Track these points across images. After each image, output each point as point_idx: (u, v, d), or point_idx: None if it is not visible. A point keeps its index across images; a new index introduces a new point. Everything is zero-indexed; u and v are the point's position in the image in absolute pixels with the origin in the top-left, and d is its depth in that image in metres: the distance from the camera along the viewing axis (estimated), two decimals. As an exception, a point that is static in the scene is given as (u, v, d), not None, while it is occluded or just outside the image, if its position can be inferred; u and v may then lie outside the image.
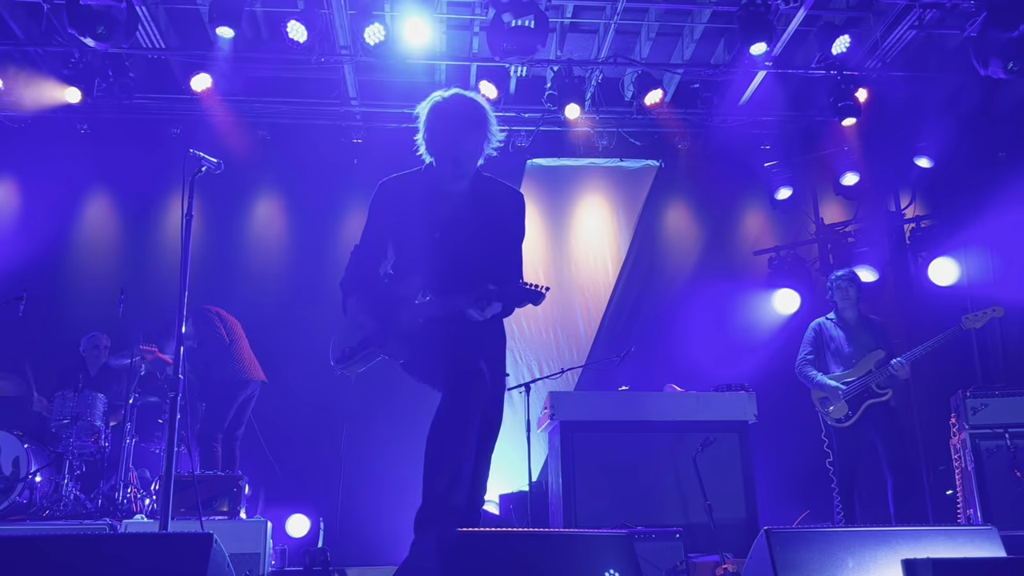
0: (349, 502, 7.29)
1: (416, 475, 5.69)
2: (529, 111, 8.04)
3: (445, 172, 3.23)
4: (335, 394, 7.34)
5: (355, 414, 7.37)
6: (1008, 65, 6.44)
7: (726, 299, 8.05)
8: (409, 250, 3.28)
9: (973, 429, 5.83)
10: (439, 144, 3.21)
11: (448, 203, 3.25)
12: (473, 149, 3.20)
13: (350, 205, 7.93)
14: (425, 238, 3.22)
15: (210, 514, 5.19)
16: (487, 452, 3.31)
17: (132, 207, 7.96)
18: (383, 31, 6.69)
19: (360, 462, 7.43)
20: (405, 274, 3.29)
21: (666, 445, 5.92)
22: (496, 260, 3.24)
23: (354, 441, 7.45)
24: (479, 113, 3.20)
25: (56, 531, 5.02)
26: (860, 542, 2.91)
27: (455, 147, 3.18)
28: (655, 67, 7.70)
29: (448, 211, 3.24)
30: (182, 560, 2.54)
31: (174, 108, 7.83)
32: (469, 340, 3.17)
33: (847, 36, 6.91)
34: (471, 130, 3.18)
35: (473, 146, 3.19)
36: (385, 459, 7.20)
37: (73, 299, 7.51)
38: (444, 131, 3.18)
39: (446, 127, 3.18)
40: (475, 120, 3.19)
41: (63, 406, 5.99)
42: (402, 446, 6.43)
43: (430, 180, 3.29)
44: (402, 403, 6.26)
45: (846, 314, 6.05)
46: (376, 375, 3.69)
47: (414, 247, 3.26)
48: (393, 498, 6.58)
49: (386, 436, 7.21)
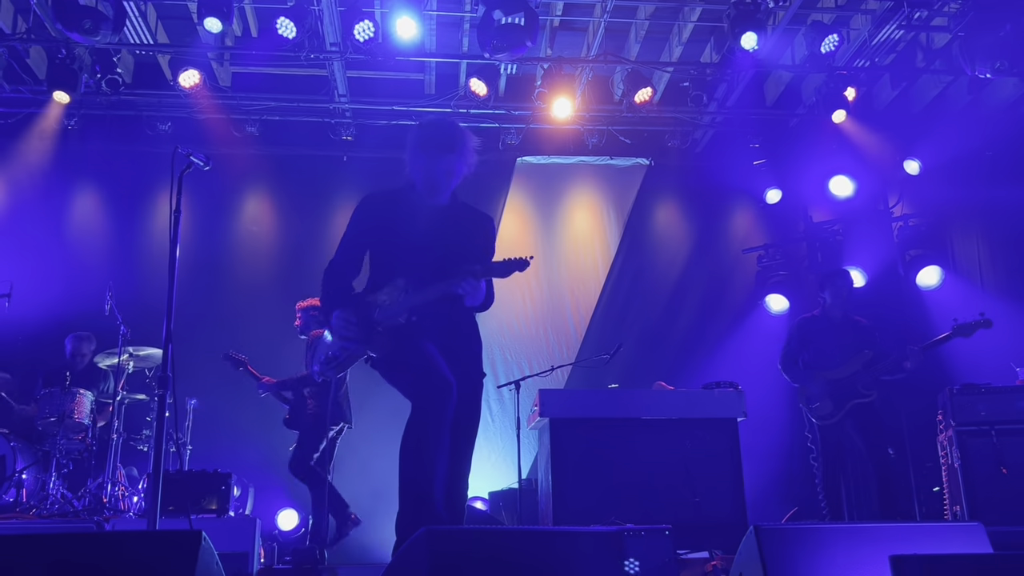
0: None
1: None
2: (519, 109, 8.03)
3: (424, 191, 3.55)
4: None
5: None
6: (995, 64, 6.48)
7: (715, 297, 8.08)
8: (390, 259, 3.52)
9: (960, 426, 5.86)
10: (418, 165, 3.52)
11: (428, 216, 3.54)
12: (448, 171, 3.50)
13: (339, 201, 7.90)
14: (407, 245, 3.47)
15: (199, 512, 5.16)
16: (465, 454, 3.47)
17: (120, 204, 7.91)
18: (373, 28, 6.68)
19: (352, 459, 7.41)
20: (384, 283, 3.49)
21: (655, 443, 5.92)
22: (473, 260, 3.48)
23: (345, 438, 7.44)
24: (454, 139, 3.50)
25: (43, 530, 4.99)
26: (848, 539, 2.93)
27: (432, 169, 3.49)
28: (645, 65, 7.71)
29: (428, 222, 3.52)
30: (170, 558, 2.52)
31: (162, 104, 7.79)
32: (442, 347, 3.41)
33: (835, 35, 6.94)
34: (446, 154, 3.48)
35: (447, 168, 3.49)
36: (376, 456, 7.19)
37: (60, 296, 7.46)
38: (423, 154, 3.49)
39: (425, 151, 3.49)
40: (450, 146, 3.48)
41: (49, 404, 5.95)
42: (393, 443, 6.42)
43: (411, 197, 3.58)
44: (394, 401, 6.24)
45: (833, 312, 6.06)
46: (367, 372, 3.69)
47: (396, 255, 3.50)
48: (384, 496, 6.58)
49: (377, 433, 7.20)
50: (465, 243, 3.54)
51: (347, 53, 7.00)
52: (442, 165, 3.47)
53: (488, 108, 7.87)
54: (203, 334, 7.08)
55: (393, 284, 3.46)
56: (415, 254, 3.45)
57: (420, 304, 3.41)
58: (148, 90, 7.74)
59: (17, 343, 6.87)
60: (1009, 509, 5.54)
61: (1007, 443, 5.76)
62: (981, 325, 5.65)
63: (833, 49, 6.98)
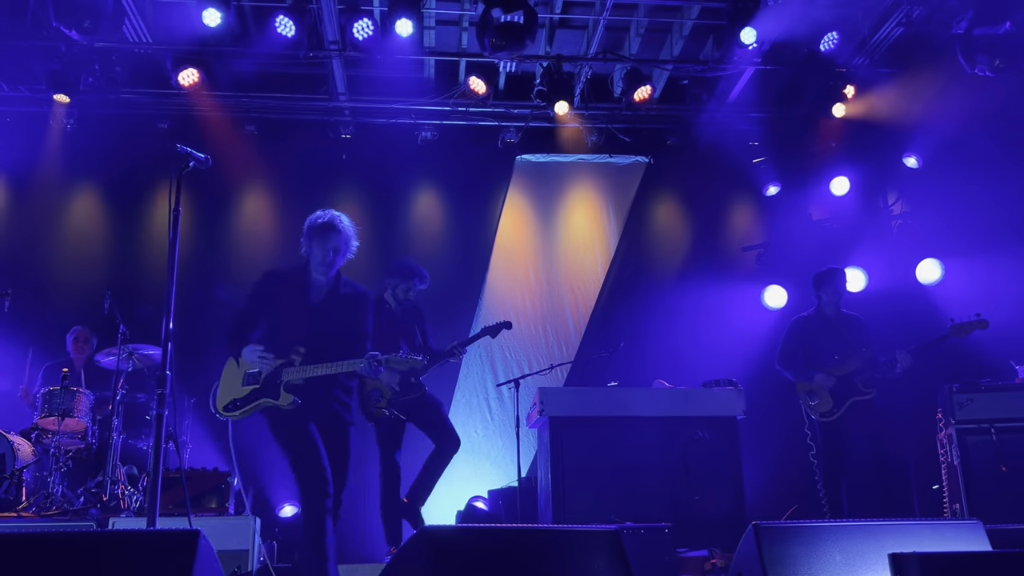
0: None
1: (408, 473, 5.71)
2: (518, 107, 8.03)
3: (313, 268, 4.32)
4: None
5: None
6: (994, 62, 6.48)
7: (714, 295, 8.06)
8: (283, 323, 4.22)
9: (959, 424, 5.87)
10: (308, 249, 4.32)
11: (317, 291, 4.32)
12: (331, 256, 4.25)
13: (339, 200, 7.87)
14: (297, 314, 4.24)
15: (199, 511, 5.16)
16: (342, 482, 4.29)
17: (119, 203, 7.90)
18: (371, 26, 6.67)
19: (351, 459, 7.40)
20: (278, 341, 4.18)
21: (655, 441, 5.93)
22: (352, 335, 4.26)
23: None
24: (334, 230, 4.27)
25: (43, 528, 4.99)
26: (847, 536, 2.93)
27: (319, 253, 4.27)
28: (644, 63, 7.71)
29: (316, 296, 4.31)
30: (170, 557, 2.52)
31: (161, 103, 7.78)
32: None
33: (835, 33, 6.93)
34: (327, 241, 4.26)
35: (329, 253, 4.25)
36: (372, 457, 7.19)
37: (59, 295, 7.46)
38: (311, 241, 4.30)
39: (312, 238, 4.30)
40: (331, 235, 4.26)
41: (50, 402, 5.95)
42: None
43: (305, 273, 4.35)
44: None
45: (827, 311, 6.07)
46: (365, 371, 3.69)
47: (288, 321, 4.21)
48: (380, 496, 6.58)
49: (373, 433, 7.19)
50: (345, 319, 4.27)
51: (346, 51, 6.99)
52: (326, 250, 4.24)
53: (487, 106, 7.87)
54: (202, 333, 7.06)
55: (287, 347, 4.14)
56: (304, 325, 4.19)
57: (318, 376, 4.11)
58: (147, 89, 7.73)
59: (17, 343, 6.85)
60: (1008, 507, 5.55)
61: (1007, 441, 5.77)
62: (977, 326, 5.66)
63: (833, 47, 6.98)
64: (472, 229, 8.35)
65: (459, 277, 8.03)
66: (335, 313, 4.27)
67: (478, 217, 8.39)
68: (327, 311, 4.26)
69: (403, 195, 8.37)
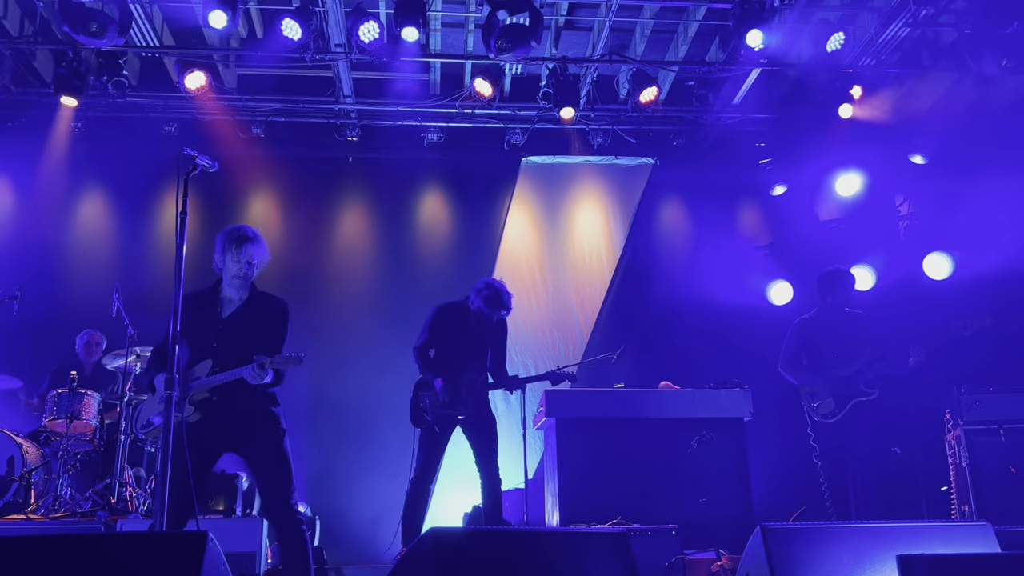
0: (344, 500, 7.28)
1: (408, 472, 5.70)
2: (524, 109, 8.03)
3: (226, 284, 4.20)
4: (329, 393, 7.35)
5: (350, 412, 7.37)
6: (1002, 61, 6.46)
7: (721, 296, 8.05)
8: (198, 340, 4.09)
9: (968, 425, 5.85)
10: (222, 262, 4.17)
11: (228, 305, 4.21)
12: (246, 269, 4.13)
13: (345, 202, 7.91)
14: (211, 331, 4.12)
15: (206, 513, 5.17)
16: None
17: (126, 206, 7.94)
18: (377, 29, 6.68)
19: (355, 460, 7.42)
20: (194, 359, 4.10)
21: (661, 442, 5.92)
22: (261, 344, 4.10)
23: (349, 439, 7.45)
24: (248, 242, 4.14)
25: (51, 530, 5.01)
26: (855, 538, 2.92)
27: (233, 266, 4.13)
28: (650, 65, 7.70)
29: (227, 309, 4.20)
30: (177, 559, 2.53)
31: (168, 106, 7.81)
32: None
33: (841, 33, 6.92)
34: (242, 254, 4.12)
35: (244, 266, 4.12)
36: (381, 458, 7.20)
37: (68, 298, 7.49)
38: (225, 254, 4.13)
39: (226, 251, 4.14)
40: (245, 246, 4.12)
41: (58, 405, 5.97)
42: (398, 445, 6.43)
43: (218, 291, 4.23)
44: (396, 403, 6.25)
45: (831, 311, 6.03)
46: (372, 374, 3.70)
47: (202, 338, 4.09)
48: (387, 496, 6.59)
49: (381, 434, 7.21)
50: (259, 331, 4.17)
51: (352, 54, 7.01)
52: (238, 263, 4.11)
53: (493, 108, 7.87)
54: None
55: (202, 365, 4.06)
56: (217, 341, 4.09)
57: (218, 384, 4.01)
58: (154, 92, 7.76)
59: (26, 345, 6.88)
60: (1017, 508, 5.53)
61: (1016, 442, 5.75)
62: (982, 325, 5.63)
63: (839, 47, 6.96)
64: (478, 231, 8.37)
65: (465, 278, 8.02)
66: (246, 323, 4.16)
67: (484, 219, 8.40)
68: (237, 323, 4.16)
69: (409, 197, 8.39)
